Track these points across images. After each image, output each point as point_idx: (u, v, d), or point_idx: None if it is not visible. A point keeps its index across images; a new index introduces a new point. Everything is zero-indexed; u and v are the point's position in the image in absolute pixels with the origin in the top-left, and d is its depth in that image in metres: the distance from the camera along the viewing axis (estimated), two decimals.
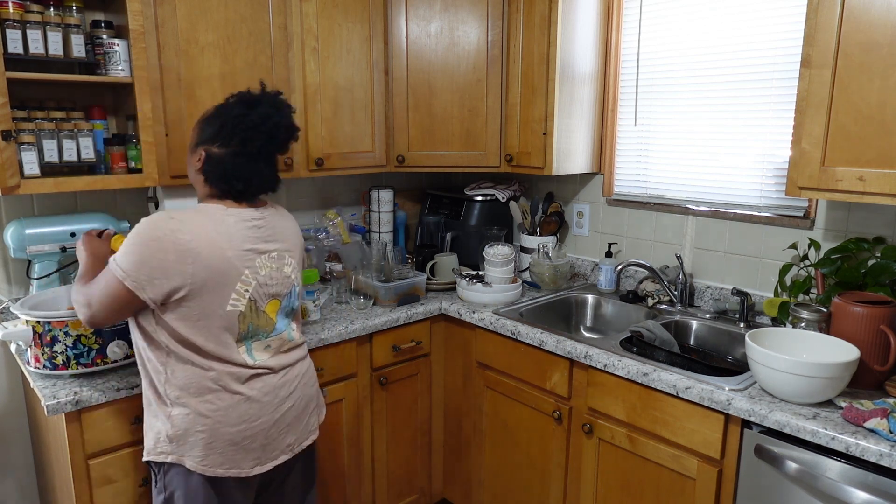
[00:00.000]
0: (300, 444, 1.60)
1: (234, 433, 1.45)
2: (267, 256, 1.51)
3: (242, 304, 1.46)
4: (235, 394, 1.46)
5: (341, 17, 2.27)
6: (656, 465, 1.76)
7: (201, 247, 1.39)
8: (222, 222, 1.45)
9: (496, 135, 2.48)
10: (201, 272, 1.39)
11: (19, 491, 2.12)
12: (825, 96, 1.60)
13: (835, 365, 1.45)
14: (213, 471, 1.44)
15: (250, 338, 1.49)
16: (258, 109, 1.48)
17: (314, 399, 1.66)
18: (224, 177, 1.49)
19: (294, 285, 1.61)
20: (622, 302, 2.35)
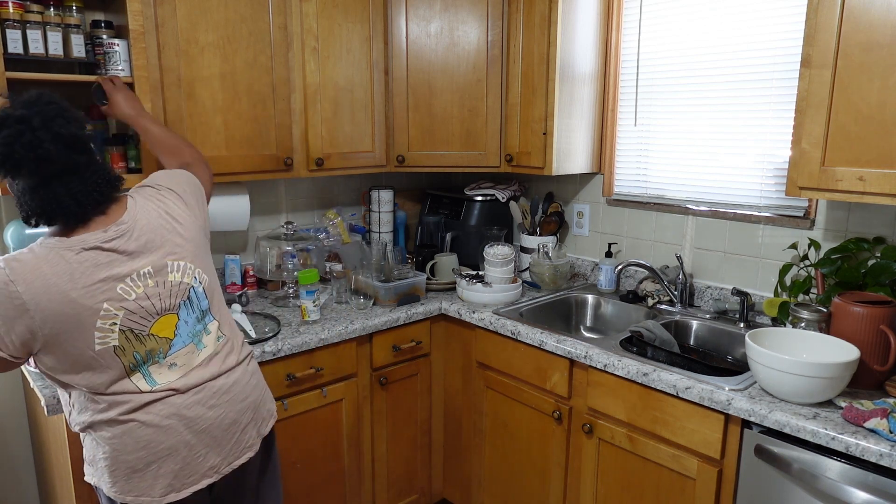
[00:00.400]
0: (229, 465, 1.42)
1: (134, 460, 1.32)
2: (135, 276, 1.31)
3: (113, 338, 1.28)
4: (129, 422, 1.31)
5: (341, 17, 2.27)
6: (656, 465, 1.76)
7: (38, 296, 1.21)
8: (60, 260, 1.24)
9: (496, 135, 2.48)
10: (48, 322, 1.22)
11: (19, 491, 2.12)
12: (825, 96, 1.60)
13: (835, 365, 1.45)
14: (123, 498, 1.34)
15: (143, 364, 1.33)
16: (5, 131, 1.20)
17: (249, 413, 1.46)
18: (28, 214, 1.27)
19: (192, 286, 1.40)
20: (622, 302, 2.35)
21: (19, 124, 1.20)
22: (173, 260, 1.38)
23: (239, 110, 2.06)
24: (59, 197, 1.25)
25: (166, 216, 1.41)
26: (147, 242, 1.34)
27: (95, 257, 1.27)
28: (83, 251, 1.26)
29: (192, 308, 1.41)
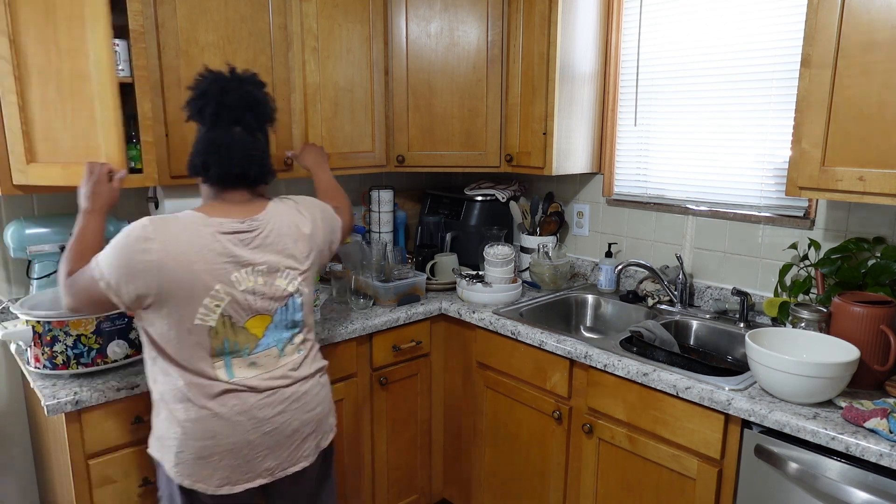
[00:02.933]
0: (283, 470, 1.50)
1: (200, 448, 1.40)
2: (251, 269, 1.43)
3: (213, 319, 1.39)
4: (203, 408, 1.40)
5: (341, 17, 2.27)
6: (656, 465, 1.76)
7: (167, 258, 1.34)
8: (197, 233, 1.39)
9: (496, 135, 2.48)
10: (166, 284, 1.35)
11: (19, 491, 2.12)
12: (825, 96, 1.60)
13: (835, 365, 1.45)
14: (181, 480, 1.42)
15: (229, 354, 1.43)
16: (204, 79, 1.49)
17: (312, 424, 1.54)
18: (191, 158, 1.48)
19: (293, 297, 1.51)
20: (622, 302, 2.36)
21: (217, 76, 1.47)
22: (286, 268, 1.50)
23: None
24: (226, 142, 1.45)
25: (295, 228, 1.54)
26: (271, 244, 1.47)
27: (225, 241, 1.41)
28: (219, 232, 1.41)
29: (285, 316, 1.51)
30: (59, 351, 1.62)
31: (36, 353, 1.63)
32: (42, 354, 1.63)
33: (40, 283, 1.92)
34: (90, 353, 1.64)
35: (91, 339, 1.64)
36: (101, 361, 1.66)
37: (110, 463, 1.64)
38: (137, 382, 1.64)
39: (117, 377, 1.65)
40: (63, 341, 1.61)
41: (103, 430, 1.62)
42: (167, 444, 1.42)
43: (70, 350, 1.62)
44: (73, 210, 2.05)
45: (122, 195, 2.16)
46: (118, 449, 1.65)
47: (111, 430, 1.63)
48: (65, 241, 1.92)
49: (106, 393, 1.59)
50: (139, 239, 1.34)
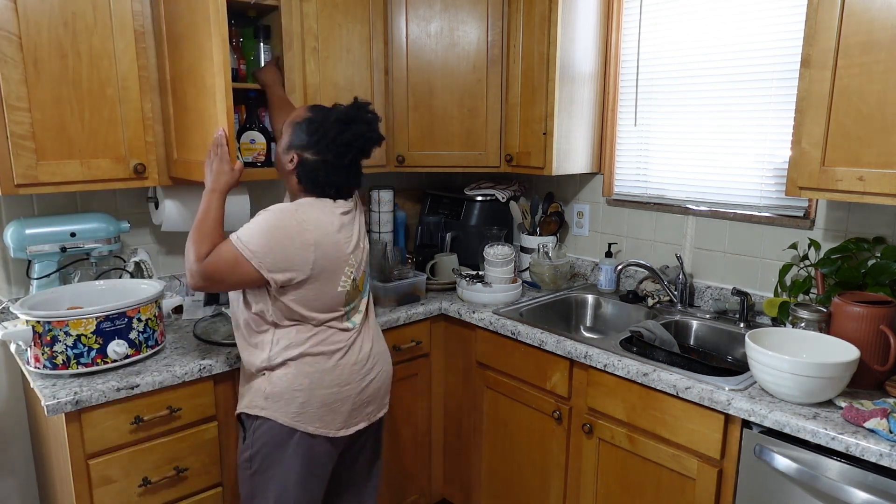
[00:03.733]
0: (376, 414, 1.77)
1: (326, 395, 1.62)
2: (356, 240, 1.70)
3: (348, 283, 1.66)
4: (332, 358, 1.63)
5: (341, 17, 2.27)
6: (656, 465, 1.76)
7: (321, 238, 1.58)
8: (333, 213, 1.63)
9: (496, 135, 2.48)
10: (321, 261, 1.58)
11: (19, 491, 2.12)
12: (825, 96, 1.60)
13: (835, 365, 1.45)
14: (305, 427, 1.60)
15: (351, 308, 1.69)
16: (353, 128, 1.63)
17: (389, 377, 1.83)
18: (317, 182, 1.64)
19: (368, 252, 1.80)
20: (622, 302, 2.35)
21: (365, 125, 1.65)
22: (363, 238, 1.77)
23: None
24: (350, 178, 1.68)
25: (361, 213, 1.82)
26: (358, 219, 1.75)
27: (347, 219, 1.67)
28: (343, 214, 1.66)
29: (367, 272, 1.79)
30: (59, 351, 1.62)
31: (36, 353, 1.63)
32: (42, 354, 1.63)
33: (40, 283, 1.92)
34: (90, 353, 1.64)
35: (91, 339, 1.64)
36: (101, 361, 1.66)
37: (110, 463, 1.64)
38: (137, 382, 1.64)
39: (117, 377, 1.65)
40: (63, 341, 1.61)
41: (103, 430, 1.61)
42: (289, 398, 1.59)
43: (70, 350, 1.62)
44: (71, 210, 2.06)
45: (123, 195, 2.16)
46: (118, 449, 1.65)
47: (111, 430, 1.63)
48: (65, 241, 1.92)
49: (106, 393, 1.59)
50: (297, 221, 1.55)
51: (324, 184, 1.65)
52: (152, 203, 2.15)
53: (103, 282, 1.92)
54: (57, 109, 1.71)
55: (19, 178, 1.67)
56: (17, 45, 1.62)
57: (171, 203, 2.07)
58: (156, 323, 1.78)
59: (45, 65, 1.68)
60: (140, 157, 1.86)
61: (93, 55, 1.74)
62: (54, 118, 1.71)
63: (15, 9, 1.61)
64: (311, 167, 1.63)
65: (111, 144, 1.81)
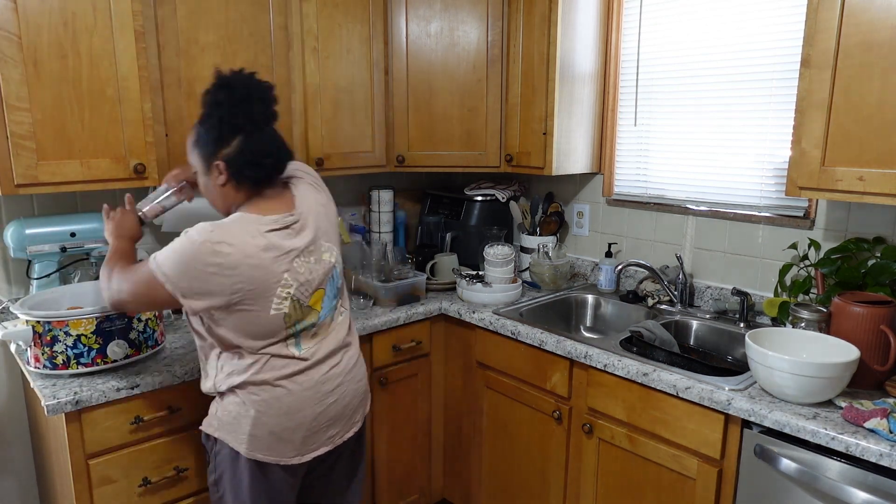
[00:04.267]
0: (342, 437, 1.64)
1: (274, 424, 1.51)
2: (305, 252, 1.52)
3: (286, 305, 1.49)
4: (279, 387, 1.51)
5: (341, 17, 2.27)
6: (656, 465, 1.76)
7: (241, 260, 1.41)
8: (258, 231, 1.45)
9: (496, 135, 2.48)
10: (241, 285, 1.42)
11: (19, 491, 2.12)
12: (825, 96, 1.60)
13: (835, 365, 1.45)
14: (255, 455, 1.51)
15: (299, 332, 1.54)
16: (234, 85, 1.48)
17: (361, 393, 1.69)
18: (253, 163, 1.49)
19: (335, 266, 1.63)
20: (622, 302, 2.35)
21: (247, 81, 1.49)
22: (325, 242, 1.60)
23: None
24: (271, 142, 1.51)
25: (319, 203, 1.63)
26: (312, 225, 1.56)
27: (282, 235, 1.49)
28: (275, 230, 1.48)
29: (332, 285, 1.62)
30: (59, 351, 1.62)
31: (36, 353, 1.63)
32: (42, 354, 1.62)
33: (40, 283, 1.92)
34: (90, 353, 1.64)
35: (91, 339, 1.64)
36: (101, 361, 1.66)
37: (110, 463, 1.64)
38: (137, 382, 1.64)
39: (117, 377, 1.65)
40: (63, 341, 1.61)
41: (103, 430, 1.61)
42: (237, 424, 1.51)
43: (70, 350, 1.62)
44: (71, 210, 2.06)
45: (123, 195, 2.16)
46: (118, 449, 1.65)
47: (111, 430, 1.63)
48: (65, 241, 1.92)
49: (106, 393, 1.59)
50: (207, 243, 1.39)
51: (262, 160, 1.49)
52: None
53: None
54: (57, 109, 1.71)
55: (19, 178, 1.67)
56: (17, 45, 1.62)
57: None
58: (156, 323, 1.78)
59: (46, 65, 1.67)
60: (140, 157, 1.86)
61: (93, 55, 1.74)
62: (54, 118, 1.71)
63: (15, 9, 1.61)
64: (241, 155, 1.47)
65: (111, 144, 1.81)
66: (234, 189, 1.52)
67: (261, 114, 1.50)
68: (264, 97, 1.51)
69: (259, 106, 1.50)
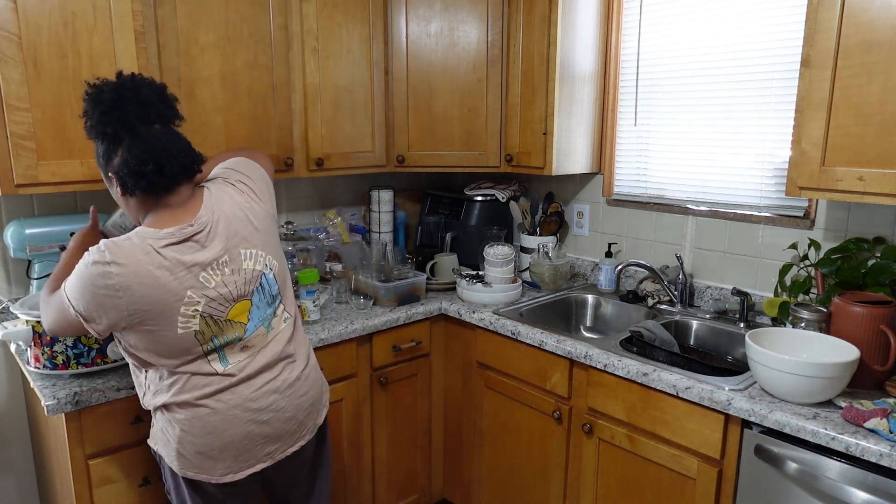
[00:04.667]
0: (283, 452, 1.54)
1: (200, 444, 1.44)
2: (214, 265, 1.41)
3: (195, 323, 1.39)
4: (200, 407, 1.43)
5: (341, 17, 2.27)
6: (656, 465, 1.76)
7: (131, 280, 1.32)
8: (152, 249, 1.35)
9: (496, 135, 2.48)
10: (135, 305, 1.33)
11: (19, 491, 2.12)
12: (825, 96, 1.60)
13: (835, 365, 1.45)
14: (185, 473, 1.46)
15: (221, 347, 1.44)
16: (105, 89, 1.37)
17: (306, 407, 1.57)
18: (137, 171, 1.35)
19: (263, 273, 1.50)
20: (622, 302, 2.35)
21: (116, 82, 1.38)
22: (246, 248, 1.48)
23: (239, 111, 2.06)
24: (161, 141, 1.38)
25: (239, 206, 1.50)
26: (223, 232, 1.44)
27: (182, 249, 1.38)
28: (171, 244, 1.37)
29: (263, 293, 1.51)
30: (59, 351, 1.62)
31: (36, 353, 1.63)
32: (42, 354, 1.63)
33: (40, 283, 1.92)
34: (90, 353, 1.64)
35: (91, 339, 1.64)
36: (101, 361, 1.66)
37: (110, 463, 1.64)
38: None
39: (117, 377, 1.65)
40: (63, 341, 1.61)
41: (103, 430, 1.62)
42: (167, 442, 1.46)
43: (70, 350, 1.62)
44: (71, 210, 2.06)
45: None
46: (118, 449, 1.65)
47: (111, 430, 1.63)
48: (65, 241, 1.92)
49: (106, 393, 1.59)
50: (97, 264, 1.31)
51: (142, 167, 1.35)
52: None
53: None
54: (57, 109, 1.71)
55: (19, 178, 1.67)
56: (17, 45, 1.62)
57: None
58: None
59: (46, 65, 1.67)
60: None
61: (93, 55, 1.74)
62: (54, 118, 1.71)
63: (15, 9, 1.61)
64: (125, 164, 1.36)
65: None
66: (134, 200, 1.42)
67: (139, 117, 1.37)
68: (143, 99, 1.37)
69: (136, 109, 1.36)
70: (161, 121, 1.41)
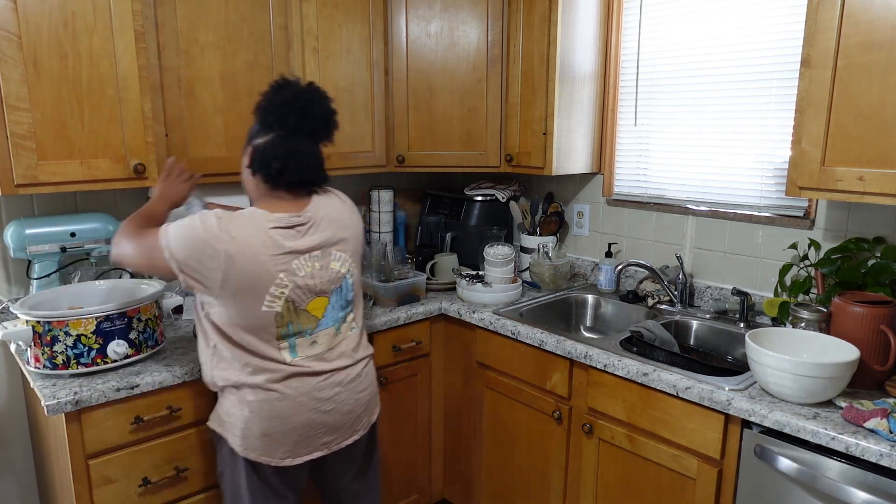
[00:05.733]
0: (338, 444, 1.66)
1: (266, 427, 1.54)
2: (308, 256, 1.55)
3: (279, 305, 1.52)
4: (270, 391, 1.54)
5: (341, 17, 2.27)
6: (656, 465, 1.76)
7: (236, 251, 1.46)
8: (261, 227, 1.51)
9: (496, 135, 2.48)
10: (232, 274, 1.46)
11: (19, 491, 2.12)
12: (825, 96, 1.60)
13: (835, 365, 1.45)
14: (247, 454, 1.56)
15: (293, 336, 1.56)
16: (291, 87, 1.58)
17: (363, 403, 1.70)
18: (264, 160, 1.55)
19: (345, 277, 1.65)
20: (622, 302, 2.35)
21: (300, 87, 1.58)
22: (338, 251, 1.63)
23: (239, 111, 2.06)
24: (298, 150, 1.56)
25: (341, 213, 1.68)
26: (324, 231, 1.60)
27: (285, 234, 1.53)
28: (279, 227, 1.52)
29: (340, 296, 1.64)
30: (59, 351, 1.62)
31: (36, 353, 1.63)
32: (42, 354, 1.63)
33: (40, 282, 1.92)
34: (90, 353, 1.64)
35: (91, 339, 1.64)
36: (101, 361, 1.66)
37: (110, 463, 1.64)
38: (137, 382, 1.64)
39: (117, 377, 1.65)
40: (63, 341, 1.61)
41: (103, 430, 1.61)
42: (233, 423, 1.56)
43: (70, 350, 1.62)
44: (71, 210, 2.06)
45: (123, 195, 2.16)
46: (118, 449, 1.65)
47: (111, 430, 1.63)
48: (65, 241, 1.92)
49: (106, 393, 1.59)
50: (212, 229, 1.45)
51: (269, 157, 1.54)
52: None
53: (103, 282, 1.92)
54: (57, 109, 1.71)
55: (19, 178, 1.67)
56: (17, 45, 1.62)
57: None
58: (156, 323, 1.78)
59: (45, 65, 1.67)
60: (140, 156, 1.86)
61: (93, 55, 1.74)
62: (54, 118, 1.71)
63: (15, 9, 1.61)
64: (261, 150, 1.56)
65: (111, 144, 1.81)
66: (254, 179, 1.60)
67: (297, 123, 1.55)
68: (309, 111, 1.57)
69: (298, 116, 1.55)
70: (313, 137, 1.60)
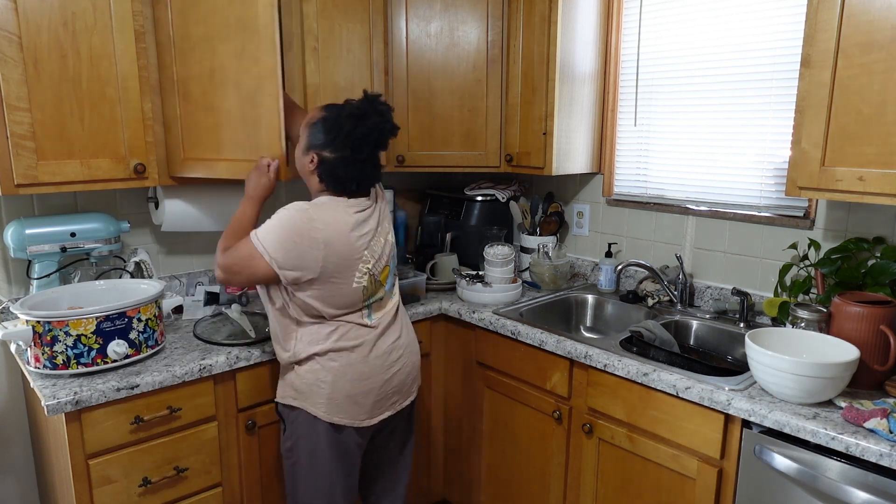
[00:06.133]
0: (401, 404, 1.83)
1: (350, 388, 1.69)
2: (375, 234, 1.74)
3: (365, 279, 1.70)
4: (354, 353, 1.69)
5: (341, 18, 2.27)
6: (656, 465, 1.76)
7: (332, 236, 1.62)
8: (346, 213, 1.67)
9: (496, 135, 2.48)
10: (331, 258, 1.62)
11: (19, 491, 2.13)
12: (825, 96, 1.60)
13: (835, 365, 1.45)
14: (331, 418, 1.69)
15: (371, 304, 1.74)
16: (368, 121, 1.67)
17: (417, 367, 1.88)
18: (337, 179, 1.69)
19: (394, 248, 1.85)
20: (622, 302, 2.35)
21: (378, 117, 1.69)
22: (385, 229, 1.81)
23: None
24: (369, 172, 1.72)
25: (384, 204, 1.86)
26: (378, 214, 1.78)
27: (361, 216, 1.71)
28: (359, 211, 1.71)
29: (393, 263, 1.85)
30: (59, 351, 1.62)
31: (36, 353, 1.63)
32: (42, 354, 1.63)
33: (40, 282, 1.92)
34: (90, 353, 1.64)
35: (91, 339, 1.64)
36: (101, 361, 1.66)
37: (110, 463, 1.64)
38: (137, 382, 1.64)
39: (117, 377, 1.65)
40: (63, 341, 1.61)
41: (103, 430, 1.62)
42: (316, 391, 1.68)
43: (70, 350, 1.62)
44: (71, 210, 2.06)
45: (123, 195, 2.16)
46: (118, 449, 1.65)
47: (111, 430, 1.63)
48: (65, 241, 1.92)
49: (106, 393, 1.59)
50: (307, 220, 1.61)
51: (344, 180, 1.69)
52: (152, 203, 2.15)
53: (103, 282, 1.92)
54: (57, 109, 1.71)
55: (19, 178, 1.67)
56: (17, 45, 1.62)
57: (171, 203, 2.07)
58: (156, 323, 1.78)
59: (45, 65, 1.68)
60: (140, 157, 1.86)
61: (93, 55, 1.74)
62: (54, 118, 1.71)
63: (15, 9, 1.61)
64: (331, 165, 1.69)
65: (111, 144, 1.81)
66: (320, 183, 1.72)
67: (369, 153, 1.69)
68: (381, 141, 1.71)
69: (370, 147, 1.69)
70: (382, 149, 1.75)
